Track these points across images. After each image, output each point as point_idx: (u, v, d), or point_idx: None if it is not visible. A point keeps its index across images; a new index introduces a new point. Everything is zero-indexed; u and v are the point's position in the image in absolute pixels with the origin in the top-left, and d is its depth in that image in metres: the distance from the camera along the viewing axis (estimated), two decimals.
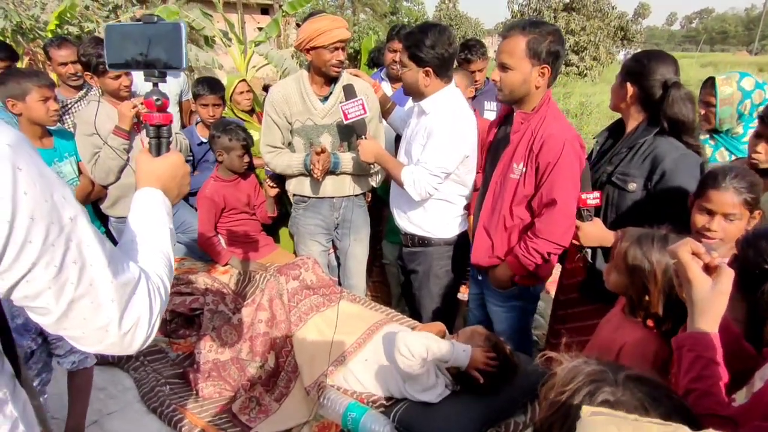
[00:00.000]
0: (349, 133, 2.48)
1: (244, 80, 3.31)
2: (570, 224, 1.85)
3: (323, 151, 2.33)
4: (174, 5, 8.82)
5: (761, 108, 2.06)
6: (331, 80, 2.40)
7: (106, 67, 1.06)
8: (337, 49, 2.24)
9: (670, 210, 1.69)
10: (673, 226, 1.57)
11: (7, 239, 0.58)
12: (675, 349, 1.01)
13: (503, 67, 1.87)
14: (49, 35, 7.72)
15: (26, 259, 0.60)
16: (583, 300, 2.02)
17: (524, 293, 2.13)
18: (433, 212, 2.26)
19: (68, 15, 7.43)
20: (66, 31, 7.79)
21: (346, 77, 2.46)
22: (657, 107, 1.82)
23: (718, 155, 2.33)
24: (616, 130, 2.07)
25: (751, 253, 1.10)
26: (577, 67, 19.14)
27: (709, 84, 2.29)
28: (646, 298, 1.39)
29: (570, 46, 18.99)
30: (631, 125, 1.93)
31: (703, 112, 2.32)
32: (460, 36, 26.01)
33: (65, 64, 2.88)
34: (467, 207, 2.34)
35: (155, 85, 1.05)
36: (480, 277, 2.23)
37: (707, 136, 2.38)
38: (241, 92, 3.24)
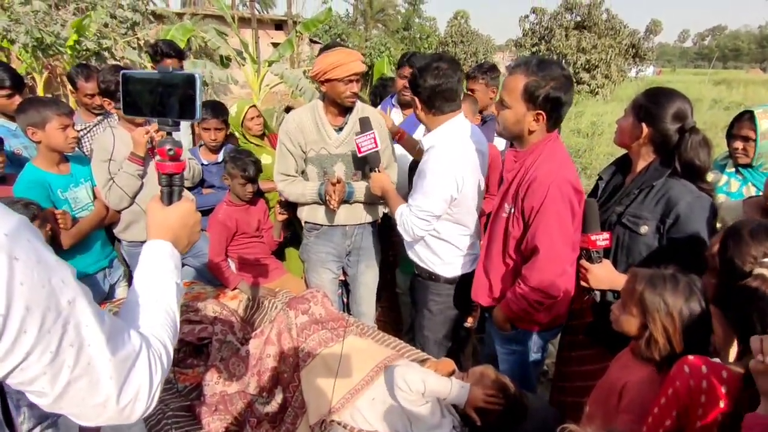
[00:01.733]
0: (363, 162, 2.51)
1: (254, 106, 3.35)
2: (559, 272, 1.77)
3: (339, 181, 2.36)
4: (189, 22, 9.01)
5: None
6: (346, 110, 2.44)
7: (122, 113, 1.08)
8: (351, 81, 2.27)
9: (684, 255, 1.64)
10: (684, 269, 1.55)
11: (1, 332, 0.58)
12: (743, 429, 0.97)
13: (502, 103, 1.83)
14: (68, 51, 7.92)
15: (21, 350, 0.60)
16: (588, 343, 1.96)
17: (525, 338, 2.03)
18: (435, 249, 2.22)
19: (87, 32, 7.61)
20: (84, 47, 7.99)
21: (362, 108, 2.49)
22: (670, 148, 1.77)
23: (744, 190, 2.27)
24: (622, 166, 2.01)
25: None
26: (589, 85, 19.15)
27: (747, 117, 2.22)
28: (660, 339, 1.37)
29: (581, 64, 19.05)
30: (640, 165, 1.87)
31: (741, 146, 2.25)
32: (471, 52, 26.19)
33: (92, 95, 2.96)
34: (475, 246, 2.28)
35: (169, 134, 1.05)
36: (486, 314, 2.19)
37: (733, 169, 2.34)
38: (252, 118, 3.27)
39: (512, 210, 1.85)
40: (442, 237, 2.17)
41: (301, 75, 6.78)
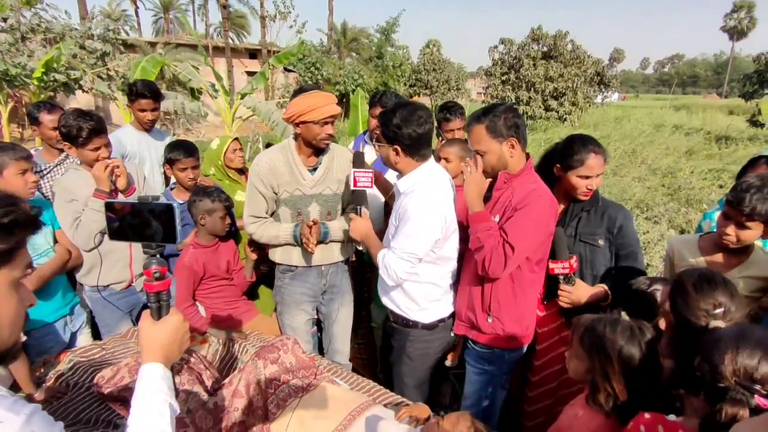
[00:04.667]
0: (336, 201, 2.51)
1: (236, 139, 3.32)
2: (520, 251, 1.95)
3: (315, 223, 2.34)
4: (162, 51, 8.97)
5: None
6: (320, 151, 2.42)
7: (108, 238, 1.18)
8: (327, 123, 2.27)
9: (629, 255, 2.18)
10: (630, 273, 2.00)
11: None
12: None
13: (478, 153, 2.04)
14: (35, 83, 7.77)
15: None
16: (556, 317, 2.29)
17: (499, 359, 2.16)
18: (412, 294, 2.18)
19: (55, 64, 7.48)
20: (53, 79, 7.84)
21: (333, 147, 2.49)
22: None
23: None
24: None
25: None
26: (557, 111, 19.78)
27: (764, 161, 2.52)
28: (600, 381, 1.41)
29: (550, 92, 19.71)
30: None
31: None
32: (443, 79, 26.82)
33: (56, 128, 2.88)
34: (453, 287, 2.28)
35: (153, 256, 1.15)
36: (466, 345, 2.25)
37: None
38: (234, 150, 3.23)
39: (500, 219, 2.02)
40: (422, 280, 2.14)
41: (274, 108, 6.79)
